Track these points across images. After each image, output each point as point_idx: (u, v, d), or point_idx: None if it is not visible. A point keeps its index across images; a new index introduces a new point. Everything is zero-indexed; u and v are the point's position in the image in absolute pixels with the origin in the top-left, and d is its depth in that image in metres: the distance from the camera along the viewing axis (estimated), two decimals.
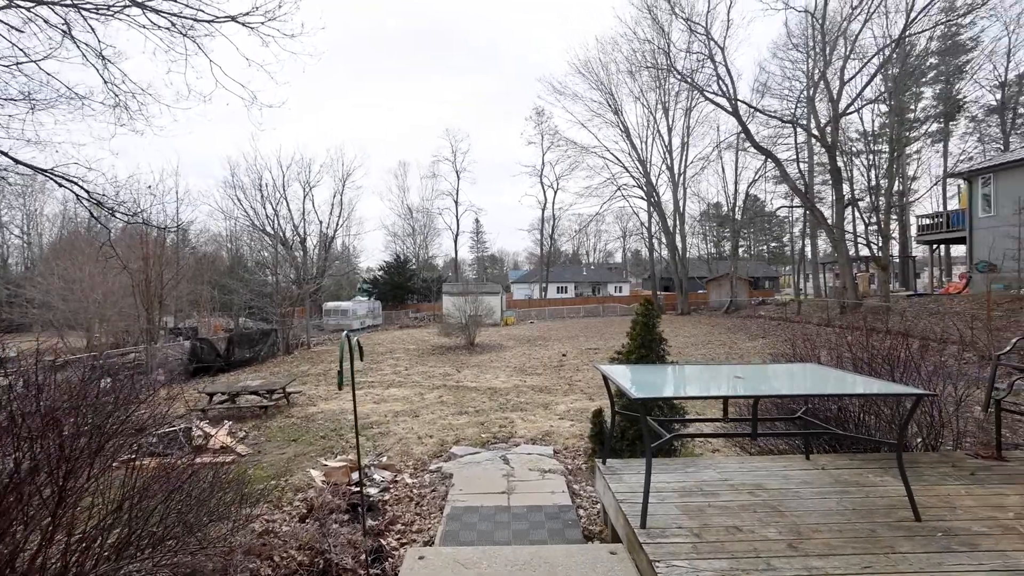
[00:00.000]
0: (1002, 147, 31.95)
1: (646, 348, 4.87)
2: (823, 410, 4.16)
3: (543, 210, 50.18)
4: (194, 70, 8.06)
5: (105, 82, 6.39)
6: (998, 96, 32.75)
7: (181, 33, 6.85)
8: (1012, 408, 3.80)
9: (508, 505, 4.34)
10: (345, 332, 3.36)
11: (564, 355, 16.23)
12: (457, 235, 54.59)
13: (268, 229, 26.54)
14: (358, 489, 4.98)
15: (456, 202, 53.81)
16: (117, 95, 6.53)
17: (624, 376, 3.42)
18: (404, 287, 42.40)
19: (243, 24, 6.93)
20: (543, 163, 48.28)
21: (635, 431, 4.52)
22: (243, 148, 49.68)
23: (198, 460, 3.74)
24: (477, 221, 68.73)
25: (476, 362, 15.57)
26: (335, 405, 9.53)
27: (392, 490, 5.08)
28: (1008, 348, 3.96)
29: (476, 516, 4.12)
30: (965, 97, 33.48)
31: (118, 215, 8.33)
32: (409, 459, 6.08)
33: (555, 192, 56.83)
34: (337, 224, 32.36)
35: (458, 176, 53.62)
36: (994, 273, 16.91)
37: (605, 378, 3.55)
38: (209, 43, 6.44)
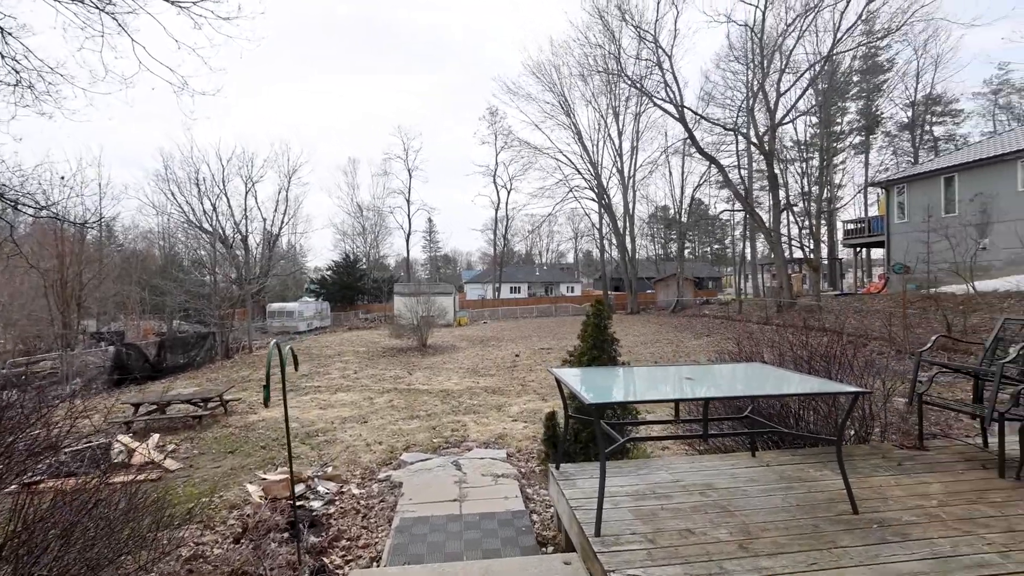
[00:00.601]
0: (912, 160, 35.14)
1: (598, 349, 4.86)
2: (767, 407, 4.30)
3: (496, 210, 50.07)
4: (113, 50, 7.26)
5: (3, 56, 5.67)
6: (909, 114, 36.07)
7: (98, 8, 6.21)
8: (932, 401, 4.08)
9: (460, 513, 4.20)
10: (273, 342, 3.10)
11: (517, 355, 16.22)
12: (409, 234, 53.50)
13: (206, 226, 24.90)
14: (299, 504, 4.68)
15: (408, 201, 52.74)
16: (18, 72, 5.81)
17: (577, 380, 3.38)
18: (354, 287, 41.04)
19: (172, 3, 6.37)
20: (496, 163, 48.13)
21: (588, 433, 4.50)
22: (178, 139, 46.29)
23: (113, 480, 3.34)
24: (430, 220, 67.62)
25: (428, 364, 15.25)
26: (277, 413, 8.99)
27: (337, 502, 4.81)
28: (928, 345, 4.26)
29: (426, 527, 3.95)
30: (882, 113, 36.70)
31: (23, 207, 7.48)
32: (357, 468, 5.80)
33: (508, 192, 57.04)
34: (283, 222, 30.91)
35: (410, 175, 52.59)
36: (908, 274, 18.50)
37: (558, 381, 3.50)
38: (132, 21, 5.87)
